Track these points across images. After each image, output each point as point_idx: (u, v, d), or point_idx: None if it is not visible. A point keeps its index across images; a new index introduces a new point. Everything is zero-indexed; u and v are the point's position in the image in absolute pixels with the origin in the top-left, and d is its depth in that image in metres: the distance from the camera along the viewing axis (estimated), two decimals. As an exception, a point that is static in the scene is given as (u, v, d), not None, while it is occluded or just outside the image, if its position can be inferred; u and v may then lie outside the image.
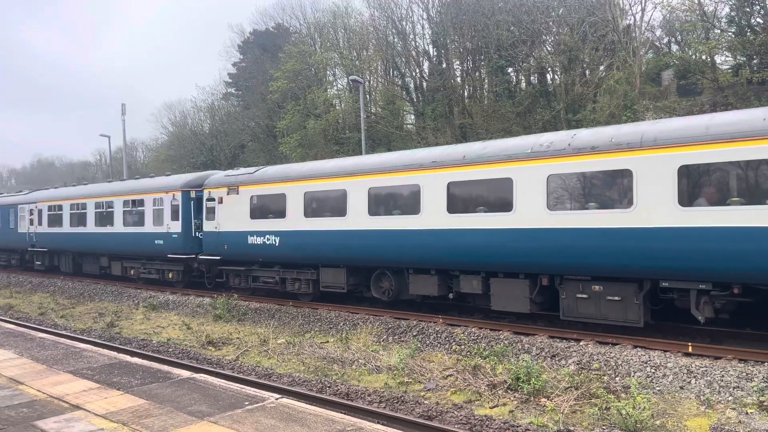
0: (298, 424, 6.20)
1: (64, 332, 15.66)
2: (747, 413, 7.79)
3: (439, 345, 12.30)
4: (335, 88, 40.75)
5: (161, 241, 20.29)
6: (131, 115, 60.57)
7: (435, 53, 35.63)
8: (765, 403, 7.81)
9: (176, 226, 19.79)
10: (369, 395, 9.55)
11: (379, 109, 36.86)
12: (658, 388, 9.09)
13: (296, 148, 35.14)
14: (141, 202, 21.50)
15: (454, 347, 11.83)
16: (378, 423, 6.91)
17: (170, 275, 21.07)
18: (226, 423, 6.32)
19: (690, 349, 10.19)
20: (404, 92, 36.84)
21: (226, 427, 6.22)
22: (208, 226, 18.71)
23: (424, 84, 35.60)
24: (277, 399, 7.09)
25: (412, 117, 37.13)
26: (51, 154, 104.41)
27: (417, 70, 36.25)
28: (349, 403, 9.03)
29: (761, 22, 24.59)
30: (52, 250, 27.37)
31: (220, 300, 17.14)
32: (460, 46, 33.39)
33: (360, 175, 14.72)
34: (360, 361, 11.55)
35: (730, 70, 26.79)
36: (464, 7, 31.74)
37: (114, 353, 10.82)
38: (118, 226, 22.47)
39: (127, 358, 10.16)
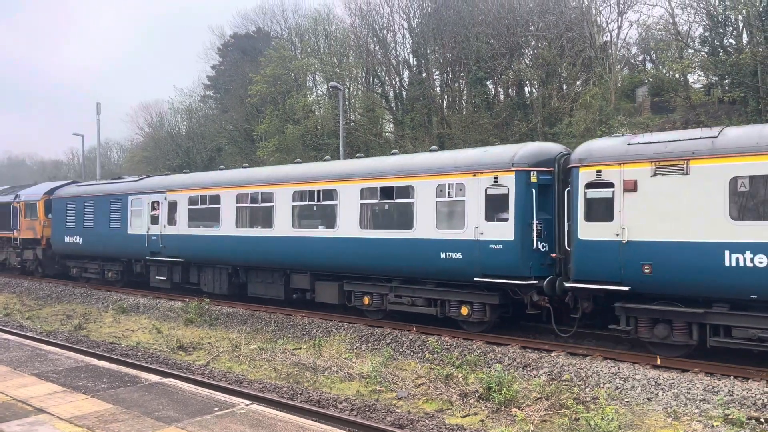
0: (268, 431, 6.13)
1: (29, 334, 15.28)
2: (713, 426, 7.94)
3: (412, 353, 12.30)
4: (315, 94, 40.76)
5: (458, 254, 12.53)
6: (106, 115, 59.66)
7: (415, 63, 35.87)
8: (730, 416, 7.96)
9: (502, 231, 12.06)
10: (341, 403, 9.50)
11: (358, 116, 36.92)
12: (626, 400, 9.21)
13: (274, 153, 34.98)
14: (405, 191, 13.59)
15: (427, 356, 11.84)
16: (349, 431, 6.87)
17: (464, 310, 12.81)
18: (195, 429, 6.22)
19: (658, 362, 10.36)
20: (384, 100, 36.97)
21: (194, 433, 6.12)
22: (588, 231, 11.02)
23: (404, 93, 35.78)
24: (247, 405, 7.01)
25: (391, 125, 37.26)
26: (21, 152, 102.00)
27: (397, 79, 36.43)
28: (321, 410, 8.97)
29: (733, 43, 25.31)
30: (192, 261, 18.90)
31: (192, 304, 16.91)
32: (440, 57, 33.67)
33: None
34: (332, 368, 11.49)
35: (702, 89, 27.49)
36: (445, 18, 32.03)
37: (81, 356, 10.60)
38: (348, 228, 14.48)
39: (94, 361, 9.96)
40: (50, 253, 25.28)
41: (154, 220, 19.78)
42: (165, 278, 19.85)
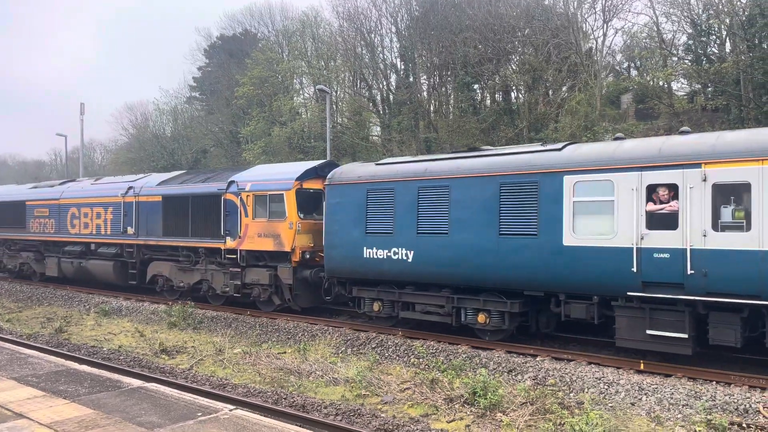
0: (252, 437, 6.07)
1: (9, 337, 15.03)
2: (695, 431, 8.00)
3: (397, 358, 12.27)
4: (302, 96, 40.70)
5: None
6: (89, 116, 59.04)
7: (402, 67, 35.95)
8: (713, 422, 8.02)
9: None
10: (325, 407, 9.44)
11: (345, 119, 36.90)
12: (610, 405, 9.25)
13: (260, 155, 34.85)
14: None
15: (412, 360, 11.82)
16: (333, 437, 6.83)
17: None
18: (177, 435, 6.14)
19: (642, 367, 10.42)
20: (371, 104, 36.99)
21: (176, 439, 6.04)
22: None
23: (391, 97, 35.83)
24: (231, 410, 6.92)
25: (378, 129, 37.30)
26: (3, 152, 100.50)
27: (384, 83, 36.48)
28: (305, 415, 8.91)
29: (716, 51, 25.66)
30: None
31: (176, 307, 16.74)
32: (428, 61, 33.77)
33: None
34: (317, 372, 11.43)
35: (685, 97, 27.88)
36: (433, 23, 32.14)
37: (61, 360, 10.44)
38: None
39: (75, 365, 9.80)
40: (310, 276, 15.32)
41: (658, 221, 10.24)
42: (683, 335, 10.00)
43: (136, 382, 8.43)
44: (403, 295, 13.45)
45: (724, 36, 25.60)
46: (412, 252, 12.90)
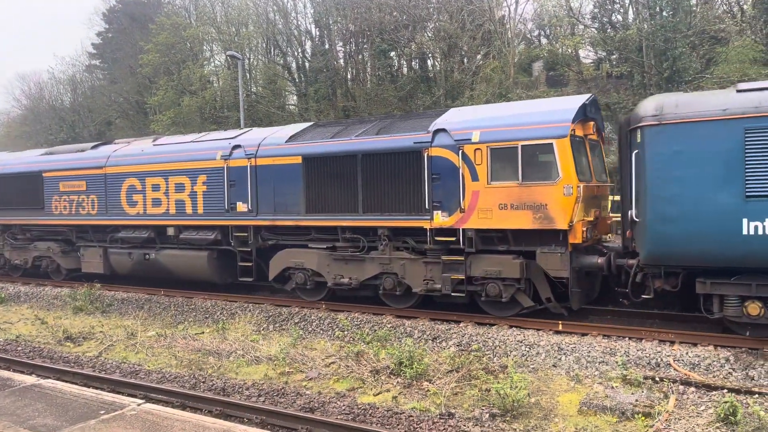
0: None
1: None
2: (612, 387, 8.27)
3: (321, 332, 12.00)
4: (212, 64, 38.80)
5: None
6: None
7: (317, 33, 34.92)
8: (628, 377, 8.32)
9: None
10: (247, 389, 9.05)
11: (259, 88, 35.58)
12: (532, 366, 9.42)
13: (170, 126, 33.03)
14: None
15: (337, 333, 11.60)
16: (252, 425, 6.46)
17: None
18: (79, 435, 5.57)
19: (560, 327, 10.70)
20: (286, 72, 35.82)
21: (78, 439, 5.48)
22: None
23: (307, 64, 34.83)
24: (139, 405, 6.38)
25: (295, 97, 36.27)
26: None
27: (299, 50, 35.36)
28: (225, 399, 8.48)
29: (621, 19, 26.58)
30: None
31: (82, 290, 15.62)
32: (343, 28, 32.96)
33: None
34: (238, 352, 10.97)
35: (592, 64, 28.84)
36: (347, -13, 31.30)
37: (-55, 357, 9.39)
38: None
39: (-39, 363, 8.84)
40: (611, 264, 10.53)
41: None
42: None
43: (30, 380, 7.65)
44: None
45: (627, 4, 26.54)
46: None
